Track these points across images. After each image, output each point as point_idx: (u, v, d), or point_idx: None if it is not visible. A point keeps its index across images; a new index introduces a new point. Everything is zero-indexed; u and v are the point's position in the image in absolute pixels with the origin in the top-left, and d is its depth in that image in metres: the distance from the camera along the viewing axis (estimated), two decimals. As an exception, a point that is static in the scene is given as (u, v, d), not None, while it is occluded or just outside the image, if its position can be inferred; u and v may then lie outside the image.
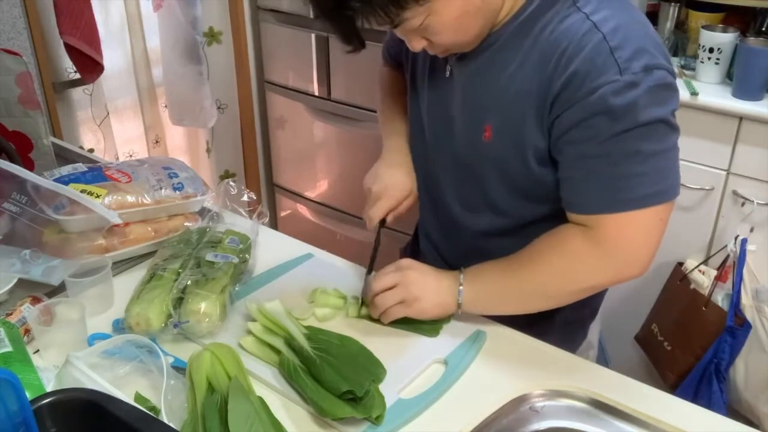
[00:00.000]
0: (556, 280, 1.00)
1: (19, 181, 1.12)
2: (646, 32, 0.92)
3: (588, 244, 0.96)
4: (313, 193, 2.84)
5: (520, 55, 0.96)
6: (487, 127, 1.01)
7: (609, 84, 0.87)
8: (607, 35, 0.88)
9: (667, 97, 0.91)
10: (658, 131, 0.91)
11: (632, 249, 0.96)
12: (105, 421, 0.72)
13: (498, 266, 1.03)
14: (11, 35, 2.00)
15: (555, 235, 1.00)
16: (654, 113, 0.89)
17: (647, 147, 0.91)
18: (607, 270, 0.98)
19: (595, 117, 0.89)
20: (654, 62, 0.88)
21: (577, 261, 0.98)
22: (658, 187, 0.93)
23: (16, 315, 1.01)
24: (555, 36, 0.92)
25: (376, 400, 0.88)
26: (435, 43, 0.95)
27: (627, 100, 0.87)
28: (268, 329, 1.00)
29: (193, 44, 2.43)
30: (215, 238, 1.18)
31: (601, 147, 0.91)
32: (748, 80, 1.82)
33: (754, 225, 1.86)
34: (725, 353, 1.86)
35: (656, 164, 0.92)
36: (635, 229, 0.95)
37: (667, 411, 0.91)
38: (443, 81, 1.07)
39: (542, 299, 1.03)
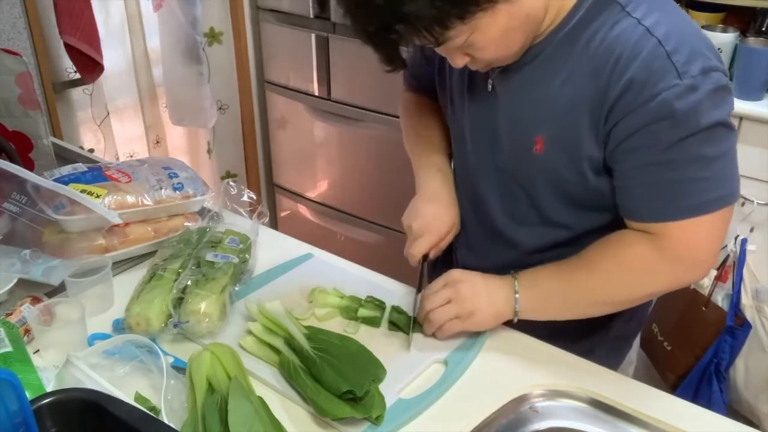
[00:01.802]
0: (618, 287, 0.99)
1: (19, 181, 1.12)
2: (697, 34, 0.91)
3: (652, 251, 0.95)
4: (313, 193, 2.84)
5: (570, 65, 0.94)
6: (539, 139, 0.99)
7: (670, 89, 0.86)
8: (662, 39, 0.87)
9: (725, 99, 0.90)
10: (719, 134, 0.90)
11: (698, 254, 0.96)
12: (105, 421, 0.72)
13: (554, 272, 1.02)
14: (11, 35, 2.00)
15: (615, 242, 0.99)
16: (714, 116, 0.88)
17: (709, 151, 0.90)
18: (671, 275, 0.98)
19: (657, 123, 0.88)
20: (710, 64, 0.88)
21: (641, 267, 0.97)
22: (721, 191, 0.92)
23: (16, 315, 1.01)
24: (607, 43, 0.90)
25: (376, 400, 0.88)
26: (478, 59, 0.94)
27: (689, 104, 0.86)
28: (268, 329, 1.00)
29: (193, 44, 2.43)
30: (215, 238, 1.18)
31: (664, 154, 0.90)
32: (748, 80, 1.82)
33: (754, 225, 1.86)
34: (725, 353, 1.86)
35: (718, 168, 0.92)
36: (700, 234, 0.94)
37: (667, 411, 0.91)
38: (485, 95, 1.05)
39: (601, 306, 1.03)
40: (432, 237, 1.10)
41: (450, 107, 1.14)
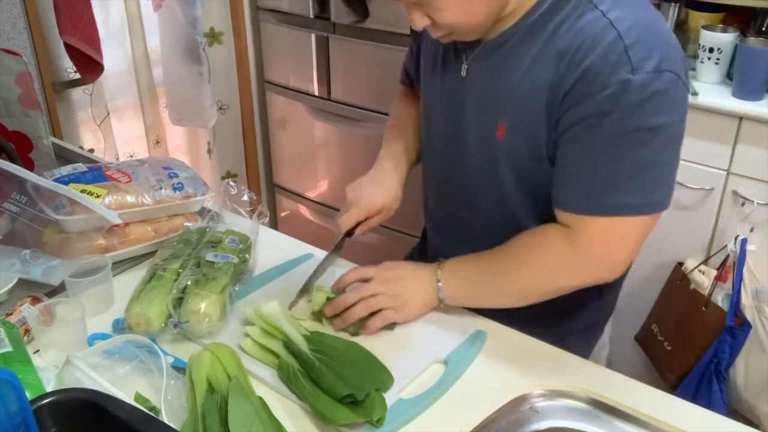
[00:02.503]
0: (533, 279, 1.02)
1: (19, 181, 1.12)
2: (662, 33, 0.91)
3: (565, 245, 0.97)
4: (313, 193, 2.84)
5: (535, 52, 0.95)
6: (501, 125, 1.00)
7: (621, 82, 0.87)
8: (623, 33, 0.88)
9: (675, 103, 0.90)
10: (660, 139, 0.90)
11: (608, 254, 0.97)
12: (105, 421, 0.72)
13: (478, 261, 1.05)
14: (11, 35, 2.00)
15: (535, 234, 1.01)
16: (660, 119, 0.89)
17: (645, 154, 0.90)
18: (579, 272, 1.00)
19: (601, 115, 0.89)
20: (666, 65, 0.87)
21: (554, 261, 0.99)
22: (648, 198, 0.93)
23: (16, 315, 1.01)
24: (572, 33, 0.91)
25: (377, 402, 0.88)
26: (438, 23, 0.94)
27: (635, 100, 0.87)
28: (266, 333, 1.00)
29: (193, 44, 2.43)
30: (215, 238, 1.18)
31: (601, 146, 0.91)
32: (748, 80, 1.82)
33: (754, 225, 1.86)
34: (725, 353, 1.86)
35: (651, 174, 0.92)
36: (615, 235, 0.95)
37: (667, 411, 0.91)
38: (458, 81, 1.06)
39: (518, 296, 1.05)
40: (359, 211, 1.15)
41: (424, 92, 1.17)
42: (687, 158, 1.93)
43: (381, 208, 1.17)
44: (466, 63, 1.04)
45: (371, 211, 1.16)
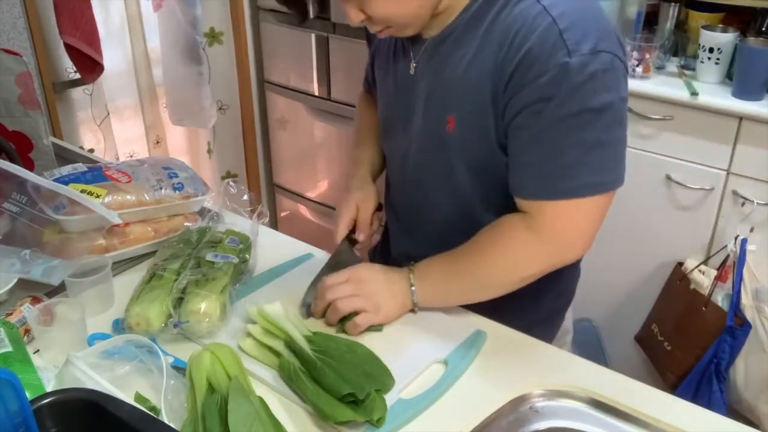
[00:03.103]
0: (499, 272, 1.03)
1: (19, 181, 1.12)
2: (596, 17, 0.93)
3: (526, 232, 0.99)
4: (313, 193, 2.84)
5: (476, 43, 0.97)
6: (450, 118, 1.02)
7: (559, 66, 0.88)
8: (557, 18, 0.89)
9: (615, 83, 0.91)
10: (606, 119, 0.92)
11: (569, 236, 0.99)
12: (105, 421, 0.72)
13: (446, 261, 1.06)
14: (11, 35, 2.00)
15: (497, 227, 1.03)
16: (602, 99, 0.90)
17: (593, 134, 0.92)
18: (543, 257, 1.01)
19: (544, 100, 0.90)
20: (602, 46, 0.89)
21: (517, 250, 1.01)
22: (600, 177, 0.94)
23: (16, 315, 1.01)
24: (508, 21, 0.93)
25: (377, 402, 0.88)
26: (372, 17, 0.95)
27: (575, 82, 0.88)
28: (267, 332, 1.00)
29: (193, 44, 2.43)
30: (215, 238, 1.18)
31: (549, 131, 0.92)
32: (748, 80, 1.82)
33: (754, 225, 1.86)
34: (725, 353, 1.86)
35: (600, 154, 0.93)
36: (573, 217, 0.97)
37: (667, 411, 0.91)
38: (408, 79, 1.08)
39: (489, 290, 1.05)
40: (341, 219, 1.21)
41: (380, 94, 1.20)
42: (687, 158, 1.93)
43: (356, 210, 1.22)
44: (414, 61, 1.06)
45: (351, 214, 1.22)
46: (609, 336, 2.23)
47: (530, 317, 1.15)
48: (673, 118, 1.91)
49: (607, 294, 2.19)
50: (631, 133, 1.96)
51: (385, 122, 1.21)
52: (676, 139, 1.93)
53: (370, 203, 1.24)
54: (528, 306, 1.16)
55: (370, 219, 1.24)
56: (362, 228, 1.22)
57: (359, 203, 1.23)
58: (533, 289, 1.10)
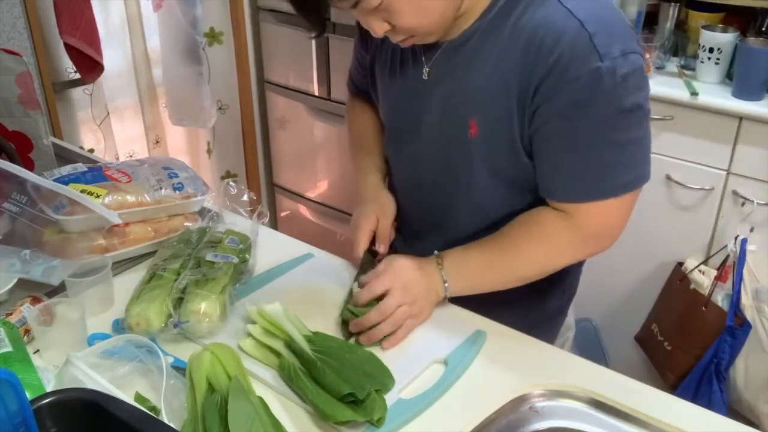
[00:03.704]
0: (537, 265, 1.06)
1: (19, 181, 1.12)
2: (616, 17, 0.95)
3: (567, 230, 1.01)
4: (313, 193, 2.84)
5: (500, 47, 0.96)
6: (472, 122, 1.01)
7: (592, 71, 0.89)
8: (584, 21, 0.90)
9: (643, 82, 0.94)
10: (637, 117, 0.94)
11: (608, 232, 1.02)
12: (105, 421, 0.72)
13: (478, 255, 1.06)
14: (11, 35, 2.00)
15: (534, 221, 1.03)
16: (633, 99, 0.92)
17: (627, 134, 0.94)
18: (583, 251, 1.05)
19: (579, 106, 0.91)
20: (629, 47, 0.91)
21: (556, 245, 1.03)
22: (635, 173, 0.97)
23: (16, 315, 1.01)
24: (533, 23, 0.93)
25: (377, 403, 0.88)
26: (397, 27, 0.94)
27: (609, 86, 0.89)
28: (268, 332, 1.00)
29: (193, 44, 2.43)
30: (215, 238, 1.18)
31: (584, 135, 0.93)
32: (748, 80, 1.82)
33: (754, 225, 1.86)
34: (725, 353, 1.86)
35: (634, 151, 0.96)
36: (613, 214, 1.00)
37: (667, 411, 0.91)
38: (421, 85, 1.07)
39: (521, 281, 1.08)
40: (359, 231, 1.16)
41: (384, 99, 1.18)
42: (687, 158, 1.93)
43: (376, 216, 1.19)
44: (428, 66, 1.05)
45: (371, 225, 1.17)
46: (609, 336, 2.23)
47: (536, 314, 1.15)
48: (673, 118, 1.91)
49: (607, 294, 2.19)
50: (631, 133, 1.98)
51: (391, 128, 1.19)
52: (676, 139, 1.93)
53: (390, 213, 1.21)
54: (534, 303, 1.16)
55: (389, 229, 1.20)
56: (382, 239, 1.18)
57: (379, 214, 1.19)
58: (540, 287, 1.11)
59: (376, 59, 1.17)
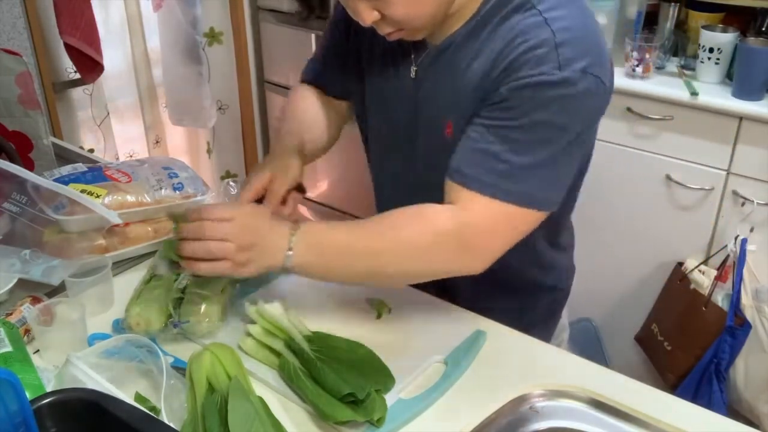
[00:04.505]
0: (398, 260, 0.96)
1: (19, 181, 1.12)
2: (595, 39, 0.93)
3: (447, 221, 0.94)
4: (313, 193, 2.84)
5: (477, 49, 0.97)
6: (449, 123, 1.01)
7: (544, 74, 0.88)
8: (557, 32, 0.89)
9: (592, 111, 0.92)
10: (569, 141, 0.92)
11: (486, 240, 0.95)
12: (105, 421, 0.72)
13: (342, 235, 0.97)
14: (11, 35, 2.00)
15: (419, 207, 0.97)
16: (573, 120, 0.90)
17: (552, 150, 0.92)
18: (451, 253, 0.95)
19: (519, 100, 0.90)
20: (594, 70, 0.89)
21: (426, 236, 0.94)
22: (543, 193, 0.94)
23: (16, 315, 1.01)
24: (506, 29, 0.93)
25: (378, 403, 0.88)
26: (387, 17, 0.93)
27: (556, 94, 0.88)
28: (267, 331, 1.00)
29: (193, 44, 2.43)
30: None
31: (512, 131, 0.91)
32: (748, 80, 1.82)
33: (754, 225, 1.86)
34: (725, 353, 1.86)
35: (551, 172, 0.93)
36: (499, 222, 0.94)
37: (667, 411, 0.91)
38: (408, 83, 1.07)
39: (375, 278, 1.00)
40: (246, 186, 1.09)
41: (371, 96, 1.16)
42: (687, 158, 1.93)
43: (271, 175, 1.10)
44: (416, 65, 1.05)
45: (263, 180, 1.09)
46: (609, 336, 2.23)
47: (527, 317, 1.15)
48: (673, 118, 1.91)
49: (607, 294, 2.19)
50: (631, 133, 1.99)
51: (375, 125, 1.18)
52: (676, 139, 1.93)
53: (289, 176, 1.11)
54: (524, 305, 1.16)
55: (282, 193, 1.10)
56: (271, 198, 1.09)
57: (276, 173, 1.10)
58: (529, 288, 1.10)
59: (363, 53, 1.15)
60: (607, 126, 2.02)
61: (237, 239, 0.93)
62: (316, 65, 1.29)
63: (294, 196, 1.14)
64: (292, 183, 1.12)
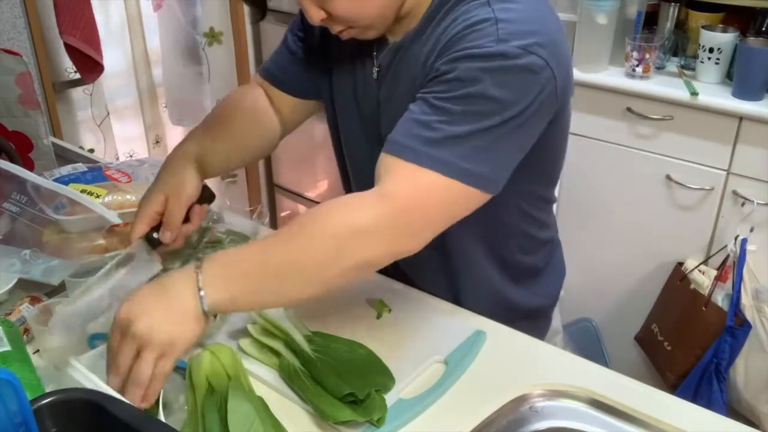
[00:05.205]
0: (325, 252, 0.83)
1: (19, 181, 1.12)
2: (546, 28, 0.89)
3: (373, 199, 0.86)
4: (313, 193, 2.84)
5: (425, 43, 0.96)
6: None
7: (481, 47, 0.86)
8: (498, 11, 0.88)
9: (532, 88, 0.86)
10: (505, 117, 0.86)
11: (416, 213, 0.86)
12: (105, 421, 0.72)
13: (256, 247, 0.88)
14: (11, 35, 2.00)
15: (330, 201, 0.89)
16: (511, 95, 0.86)
17: (486, 124, 0.86)
18: (382, 232, 0.85)
19: (457, 74, 0.87)
20: (538, 50, 0.86)
21: (359, 222, 0.84)
22: (473, 166, 0.86)
23: (15, 315, 1.01)
24: (452, 18, 0.93)
25: (377, 402, 0.88)
26: (333, 15, 0.92)
27: (490, 66, 0.85)
28: (268, 332, 1.00)
29: (193, 44, 2.43)
30: (215, 239, 1.18)
31: (448, 102, 0.87)
32: (748, 80, 1.82)
33: (754, 225, 1.86)
34: (725, 353, 1.86)
35: (485, 145, 0.86)
36: (427, 192, 0.86)
37: (667, 411, 0.91)
38: (371, 83, 1.06)
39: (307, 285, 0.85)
40: (137, 215, 1.02)
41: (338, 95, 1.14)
42: (687, 158, 1.93)
43: (164, 196, 1.02)
44: (377, 66, 1.04)
45: (156, 205, 1.01)
46: (609, 336, 2.23)
47: (514, 320, 1.12)
48: (673, 118, 1.91)
49: (607, 294, 2.19)
50: (631, 133, 1.99)
51: (346, 127, 1.16)
52: (676, 139, 1.93)
53: (185, 194, 1.02)
54: (511, 308, 1.15)
55: (180, 214, 1.02)
56: (168, 225, 1.00)
57: (169, 193, 1.01)
58: (514, 291, 1.09)
59: (332, 58, 1.13)
60: (607, 126, 2.03)
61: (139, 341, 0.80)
62: (279, 61, 1.23)
63: (198, 209, 1.06)
64: (189, 200, 1.03)
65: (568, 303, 1.28)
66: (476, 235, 1.09)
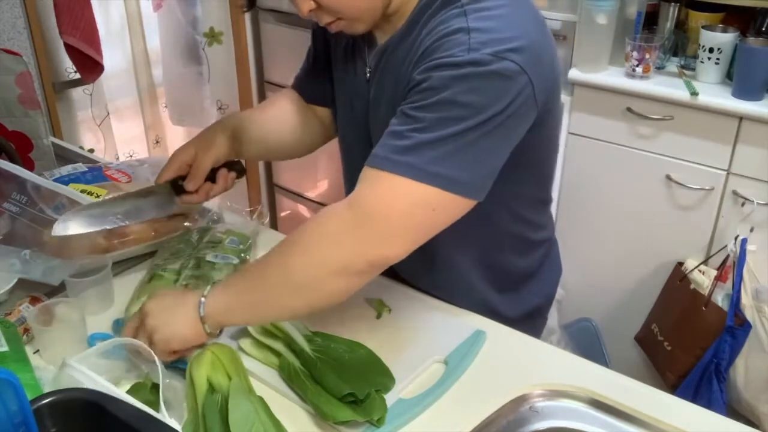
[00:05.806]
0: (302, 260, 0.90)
1: (19, 181, 1.12)
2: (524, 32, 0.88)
3: (342, 207, 0.89)
4: (313, 193, 2.84)
5: (408, 48, 0.96)
6: None
7: (452, 57, 0.86)
8: (471, 20, 0.88)
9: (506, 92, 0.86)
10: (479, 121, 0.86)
11: (390, 221, 0.87)
12: (105, 421, 0.72)
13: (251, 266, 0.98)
14: (11, 35, 2.00)
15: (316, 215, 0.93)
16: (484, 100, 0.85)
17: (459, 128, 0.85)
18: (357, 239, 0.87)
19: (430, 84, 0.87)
20: (512, 56, 0.85)
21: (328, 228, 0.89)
22: (450, 171, 0.86)
23: (15, 315, 1.01)
24: (433, 25, 0.93)
25: (377, 403, 0.88)
26: (322, 5, 0.92)
27: (460, 74, 0.85)
28: (268, 332, 1.00)
29: (193, 44, 2.43)
30: (215, 239, 1.18)
31: (421, 111, 0.87)
32: (748, 80, 1.82)
33: (754, 225, 1.86)
34: (725, 353, 1.86)
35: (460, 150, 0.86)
36: (395, 198, 0.87)
37: (667, 411, 0.91)
38: (363, 85, 1.06)
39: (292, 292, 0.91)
40: (169, 161, 1.11)
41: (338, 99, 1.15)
42: (687, 158, 1.93)
43: (195, 150, 1.11)
44: (369, 67, 1.05)
45: (186, 155, 1.10)
46: (609, 336, 2.23)
47: (510, 320, 1.12)
48: (673, 118, 1.91)
49: (607, 294, 2.19)
50: (631, 133, 1.99)
51: (343, 128, 1.17)
52: (676, 139, 1.93)
53: (214, 151, 1.11)
54: (506, 307, 1.14)
55: (206, 168, 1.10)
56: (194, 175, 1.09)
57: (199, 149, 1.10)
58: (510, 291, 1.09)
59: (333, 62, 1.14)
60: (607, 126, 2.03)
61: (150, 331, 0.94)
62: (300, 71, 1.27)
63: (225, 174, 1.13)
64: (218, 159, 1.12)
65: (568, 303, 1.28)
66: (468, 239, 1.08)
